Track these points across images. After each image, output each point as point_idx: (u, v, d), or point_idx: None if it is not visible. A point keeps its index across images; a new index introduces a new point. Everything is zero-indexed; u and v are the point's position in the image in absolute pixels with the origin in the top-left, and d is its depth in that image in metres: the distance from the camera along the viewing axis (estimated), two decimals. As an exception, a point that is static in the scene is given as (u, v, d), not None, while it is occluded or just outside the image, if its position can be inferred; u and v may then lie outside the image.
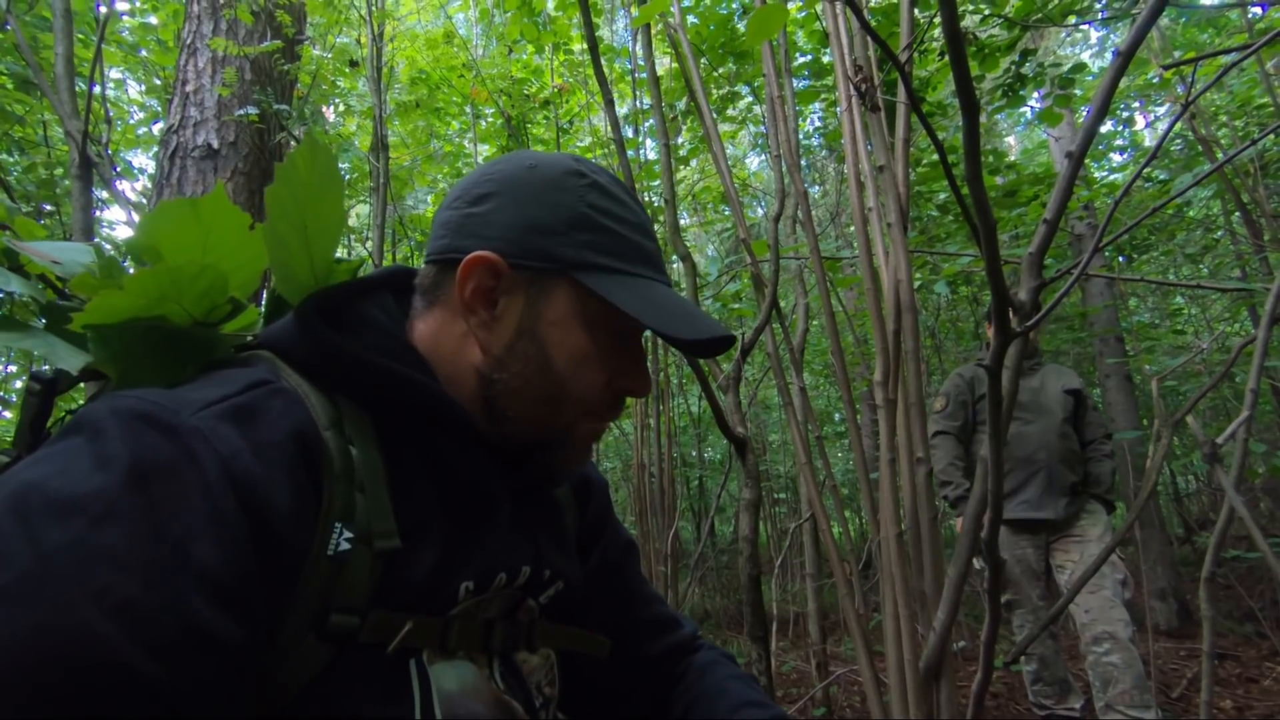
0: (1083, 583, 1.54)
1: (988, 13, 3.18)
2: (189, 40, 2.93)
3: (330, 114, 4.68)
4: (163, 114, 4.06)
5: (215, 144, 2.77)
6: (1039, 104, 4.39)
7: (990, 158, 3.82)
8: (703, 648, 0.74)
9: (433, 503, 0.52)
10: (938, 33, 2.71)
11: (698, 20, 3.37)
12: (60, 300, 0.63)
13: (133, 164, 5.16)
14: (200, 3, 2.97)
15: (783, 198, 2.26)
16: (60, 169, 3.95)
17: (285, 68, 3.16)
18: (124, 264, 0.62)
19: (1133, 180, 0.99)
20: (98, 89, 2.11)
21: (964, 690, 2.15)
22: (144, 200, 3.66)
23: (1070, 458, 2.76)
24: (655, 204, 3.90)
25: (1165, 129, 1.01)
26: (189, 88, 2.85)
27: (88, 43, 3.71)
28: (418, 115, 4.55)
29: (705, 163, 4.89)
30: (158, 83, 4.35)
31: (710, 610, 5.36)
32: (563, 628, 0.62)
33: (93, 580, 0.35)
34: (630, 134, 4.00)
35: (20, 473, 0.39)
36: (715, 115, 3.44)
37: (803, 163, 4.24)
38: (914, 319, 1.46)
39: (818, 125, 5.30)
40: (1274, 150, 4.26)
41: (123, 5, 4.05)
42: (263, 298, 0.64)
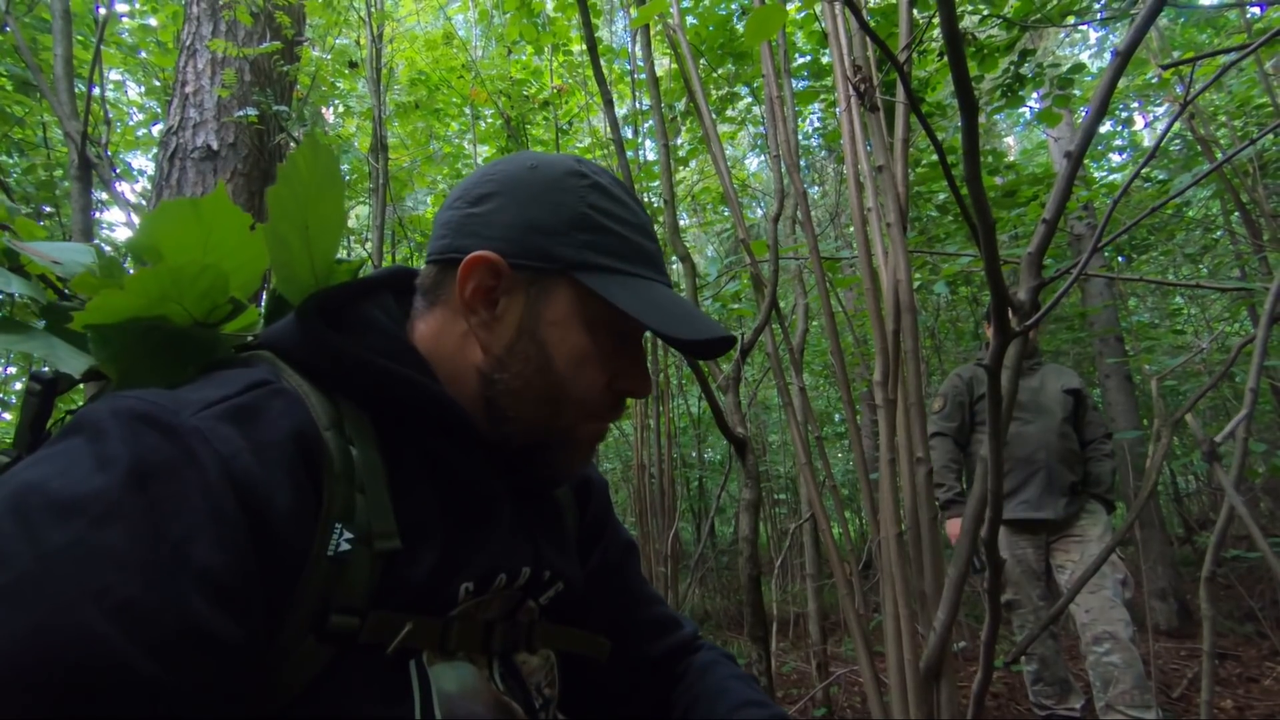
0: (1083, 583, 1.54)
1: (986, 13, 3.17)
2: (188, 42, 2.93)
3: (330, 115, 4.68)
4: (162, 115, 4.06)
5: (215, 145, 2.77)
6: (1038, 104, 4.40)
7: (989, 158, 3.82)
8: (703, 648, 0.74)
9: (433, 503, 0.52)
10: (936, 33, 2.71)
11: (697, 21, 3.37)
12: (61, 300, 0.63)
13: (132, 165, 5.16)
14: (200, 4, 2.97)
15: (782, 198, 2.26)
16: (60, 170, 3.95)
17: (284, 69, 3.16)
18: (124, 264, 0.62)
19: (1131, 180, 0.99)
20: (97, 90, 2.12)
21: (964, 690, 2.14)
22: (143, 202, 3.67)
23: (1070, 458, 2.75)
24: (655, 204, 3.90)
25: (1164, 129, 1.01)
26: (188, 89, 2.85)
27: (87, 44, 3.71)
28: (417, 116, 4.55)
29: (704, 163, 4.89)
30: (157, 84, 4.35)
31: (710, 611, 5.36)
32: (563, 629, 0.61)
33: (93, 581, 0.35)
34: (629, 135, 4.00)
35: (20, 473, 0.39)
36: (714, 116, 3.45)
37: (802, 163, 4.24)
38: (913, 319, 1.46)
39: (817, 126, 5.31)
40: (1273, 150, 4.26)
41: (122, 7, 4.06)
42: (263, 298, 0.64)
